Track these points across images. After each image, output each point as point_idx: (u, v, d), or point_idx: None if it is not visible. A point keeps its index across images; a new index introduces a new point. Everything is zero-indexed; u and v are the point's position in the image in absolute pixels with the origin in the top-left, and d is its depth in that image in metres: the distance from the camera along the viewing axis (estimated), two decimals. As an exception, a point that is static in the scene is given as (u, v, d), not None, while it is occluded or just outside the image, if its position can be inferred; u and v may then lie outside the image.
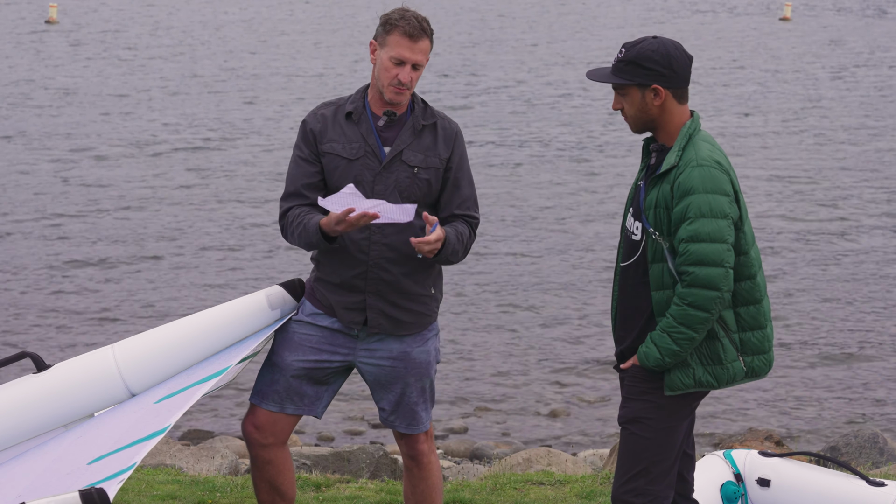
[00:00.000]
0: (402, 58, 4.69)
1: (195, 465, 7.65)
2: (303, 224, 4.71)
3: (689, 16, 41.55)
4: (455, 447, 9.82)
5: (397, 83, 4.70)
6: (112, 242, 15.08)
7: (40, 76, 26.66)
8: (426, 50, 4.74)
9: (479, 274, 14.12)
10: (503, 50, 32.36)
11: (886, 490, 5.32)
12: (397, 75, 4.70)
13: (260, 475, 4.98)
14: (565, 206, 17.15)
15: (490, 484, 6.65)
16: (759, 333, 4.48)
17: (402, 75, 4.69)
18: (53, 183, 17.78)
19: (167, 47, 31.65)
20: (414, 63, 4.70)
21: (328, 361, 4.88)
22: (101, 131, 21.40)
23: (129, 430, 4.09)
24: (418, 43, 4.70)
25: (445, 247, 4.69)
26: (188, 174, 18.58)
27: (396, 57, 4.69)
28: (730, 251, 4.33)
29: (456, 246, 4.74)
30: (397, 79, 4.70)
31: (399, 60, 4.69)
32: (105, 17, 37.23)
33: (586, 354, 11.92)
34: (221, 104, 24.18)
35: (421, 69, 4.75)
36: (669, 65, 4.38)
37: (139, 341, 4.71)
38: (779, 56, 32.08)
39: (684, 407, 4.49)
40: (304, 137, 4.85)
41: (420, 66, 4.73)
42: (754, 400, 10.99)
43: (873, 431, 8.80)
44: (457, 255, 4.77)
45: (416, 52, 4.69)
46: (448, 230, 4.72)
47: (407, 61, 4.69)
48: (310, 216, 4.72)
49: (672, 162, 4.38)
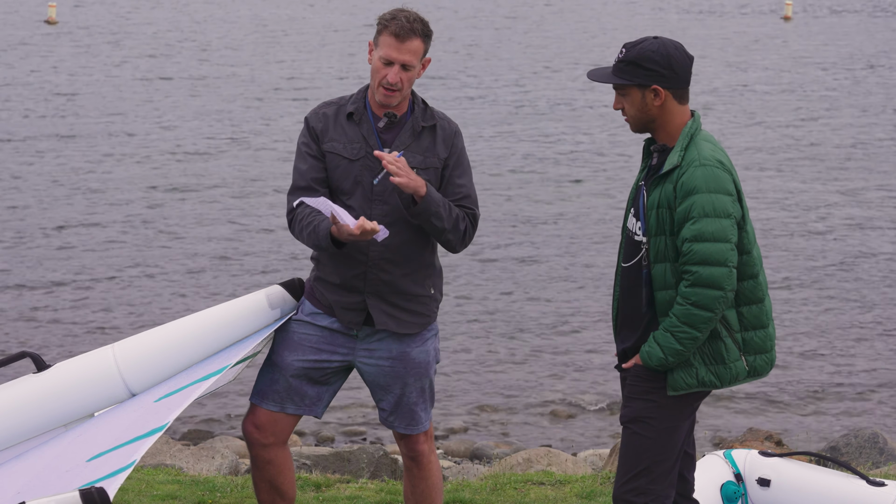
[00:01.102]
0: (389, 58, 4.67)
1: (195, 465, 7.65)
2: (313, 225, 4.69)
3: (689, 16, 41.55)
4: (455, 447, 9.82)
5: (386, 83, 4.68)
6: (112, 242, 15.08)
7: (39, 76, 26.65)
8: (417, 51, 4.69)
9: (479, 274, 14.12)
10: (503, 49, 32.35)
11: (887, 490, 5.32)
12: (386, 76, 4.68)
13: (260, 475, 4.98)
14: (566, 206, 17.15)
15: (490, 484, 6.65)
16: (762, 333, 4.48)
17: (391, 76, 4.67)
18: (53, 183, 17.77)
19: (167, 47, 31.64)
20: (403, 63, 4.67)
21: (328, 361, 4.88)
22: (100, 131, 21.39)
23: (128, 428, 4.09)
24: (406, 43, 4.66)
25: (428, 198, 4.63)
26: (188, 174, 18.58)
27: (384, 57, 4.67)
28: (733, 250, 4.34)
29: (440, 209, 4.66)
30: (386, 79, 4.68)
31: (387, 61, 4.67)
32: (105, 17, 37.22)
33: (587, 354, 11.92)
34: (221, 104, 24.18)
35: (413, 70, 4.71)
36: (670, 65, 4.38)
37: (139, 341, 4.71)
38: (780, 56, 32.07)
39: (686, 406, 4.49)
40: (308, 134, 4.85)
41: (410, 66, 4.69)
42: (755, 400, 10.99)
43: (873, 431, 8.81)
44: (441, 220, 4.67)
45: (403, 53, 4.66)
46: (431, 189, 4.65)
47: (395, 62, 4.67)
48: (320, 217, 4.71)
49: (675, 162, 4.38)
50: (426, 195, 4.63)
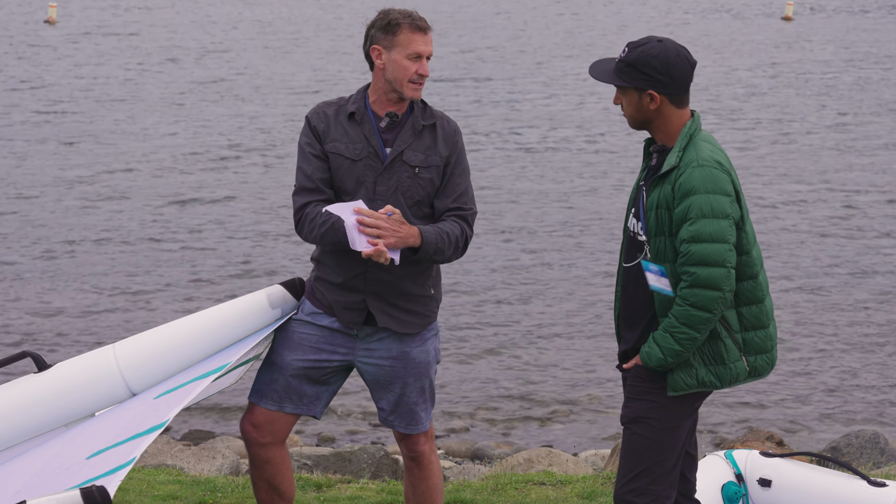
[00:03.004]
0: (419, 52, 4.76)
1: (196, 465, 7.65)
2: (329, 223, 4.70)
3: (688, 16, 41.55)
4: (456, 447, 9.82)
5: (418, 77, 4.76)
6: (112, 242, 15.08)
7: (39, 76, 26.65)
8: (432, 42, 4.83)
9: (480, 274, 14.11)
10: (505, 50, 32.36)
11: (887, 490, 5.32)
12: (417, 70, 4.76)
13: (258, 474, 4.98)
14: (567, 206, 17.15)
15: (491, 484, 6.65)
16: (762, 333, 4.47)
17: (422, 69, 4.77)
18: (53, 183, 17.78)
19: (167, 48, 31.65)
20: (429, 55, 4.80)
21: (327, 361, 4.88)
22: (99, 131, 21.40)
23: (128, 425, 4.09)
24: (427, 35, 4.79)
25: (425, 246, 4.68)
26: (188, 174, 18.58)
27: (414, 53, 4.75)
28: (731, 251, 4.33)
29: (439, 244, 4.71)
30: (417, 73, 4.75)
31: (417, 55, 4.75)
32: (104, 17, 37.23)
33: (588, 354, 11.92)
34: (222, 104, 24.18)
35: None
36: (668, 72, 4.39)
37: (140, 340, 4.71)
38: (781, 55, 32.07)
39: (687, 407, 4.49)
40: (311, 133, 4.85)
41: (430, 57, 4.82)
42: (756, 400, 10.99)
43: (874, 432, 8.81)
44: (442, 254, 4.74)
45: (428, 44, 4.80)
46: (425, 230, 4.69)
47: (423, 54, 4.77)
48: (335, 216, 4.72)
49: (673, 162, 4.38)
50: (423, 243, 4.66)
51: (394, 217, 4.61)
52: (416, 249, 4.69)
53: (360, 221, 4.60)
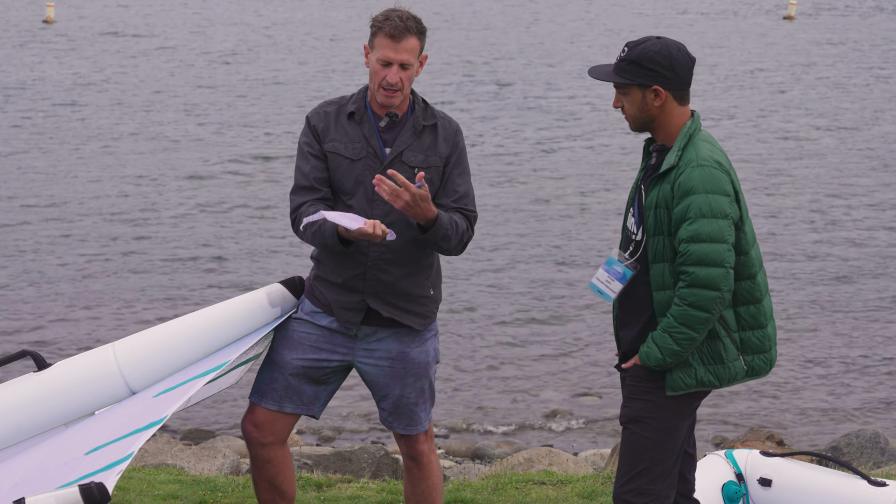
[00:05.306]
0: (387, 59, 4.68)
1: (197, 464, 7.66)
2: (317, 224, 4.70)
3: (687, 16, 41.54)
4: (456, 447, 9.82)
5: (386, 84, 4.69)
6: (112, 241, 15.08)
7: (38, 76, 26.65)
8: (413, 49, 4.71)
9: (480, 274, 14.12)
10: (505, 50, 32.35)
11: (888, 490, 5.32)
12: (385, 77, 4.69)
13: (260, 474, 4.98)
14: (566, 205, 17.15)
15: (491, 484, 6.65)
16: (760, 333, 4.47)
17: (390, 76, 4.68)
18: (53, 183, 17.77)
19: (166, 48, 31.64)
20: (401, 63, 4.69)
21: (327, 360, 4.88)
22: (98, 131, 21.39)
23: (126, 422, 4.10)
24: (402, 42, 4.68)
25: (437, 227, 4.66)
26: (188, 173, 18.57)
27: (382, 59, 4.69)
28: (730, 251, 4.33)
29: (448, 231, 4.70)
30: (385, 80, 4.69)
31: (385, 62, 4.69)
32: (103, 17, 37.22)
33: (587, 354, 11.92)
34: (222, 104, 24.18)
35: (412, 69, 4.73)
36: (671, 66, 4.38)
37: (140, 339, 4.72)
38: (782, 55, 32.06)
39: (685, 406, 4.49)
40: (310, 133, 4.85)
41: (408, 65, 4.71)
42: (756, 399, 10.99)
43: (875, 431, 8.80)
44: (448, 241, 4.72)
45: (400, 52, 4.68)
46: (441, 213, 4.69)
47: (393, 62, 4.68)
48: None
49: (672, 162, 4.38)
50: (437, 221, 4.65)
51: (422, 190, 4.56)
52: (426, 230, 4.67)
53: (390, 174, 4.52)
